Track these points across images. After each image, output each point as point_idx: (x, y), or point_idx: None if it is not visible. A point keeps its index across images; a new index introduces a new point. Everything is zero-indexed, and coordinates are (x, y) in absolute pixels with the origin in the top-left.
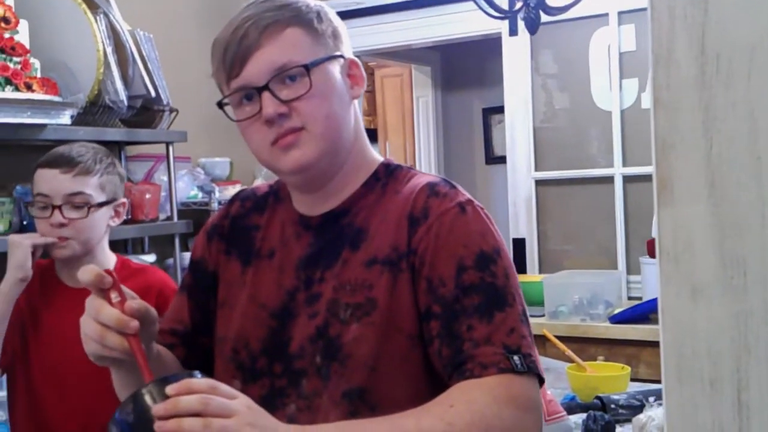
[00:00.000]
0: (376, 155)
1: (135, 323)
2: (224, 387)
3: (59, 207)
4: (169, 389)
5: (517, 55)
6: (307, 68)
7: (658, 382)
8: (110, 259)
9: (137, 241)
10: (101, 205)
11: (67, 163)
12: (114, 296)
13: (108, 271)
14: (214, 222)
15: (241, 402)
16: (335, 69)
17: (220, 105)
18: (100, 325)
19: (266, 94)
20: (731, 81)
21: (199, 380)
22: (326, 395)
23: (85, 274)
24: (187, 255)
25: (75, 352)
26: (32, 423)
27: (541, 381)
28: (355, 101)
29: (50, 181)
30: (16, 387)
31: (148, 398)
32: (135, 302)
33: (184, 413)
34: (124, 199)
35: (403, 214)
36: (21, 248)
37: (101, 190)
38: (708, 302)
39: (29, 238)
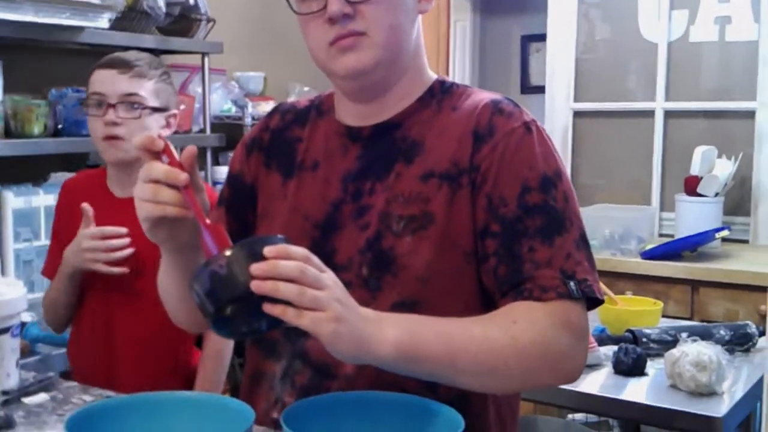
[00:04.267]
0: (432, 73)
1: (185, 175)
2: (316, 259)
3: (113, 106)
4: (267, 251)
5: None
6: None
7: (688, 319)
8: None
9: None
10: (155, 110)
11: (124, 65)
12: (164, 159)
13: (160, 137)
14: (252, 135)
15: (330, 276)
16: None
17: None
18: (151, 182)
19: None
20: None
21: (296, 247)
22: (374, 307)
23: (138, 138)
24: (219, 168)
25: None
26: (82, 337)
27: (599, 302)
28: (419, 17)
29: (107, 80)
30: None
31: (244, 255)
32: (184, 155)
33: (281, 277)
34: (176, 111)
35: (466, 131)
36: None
37: (155, 96)
38: None
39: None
